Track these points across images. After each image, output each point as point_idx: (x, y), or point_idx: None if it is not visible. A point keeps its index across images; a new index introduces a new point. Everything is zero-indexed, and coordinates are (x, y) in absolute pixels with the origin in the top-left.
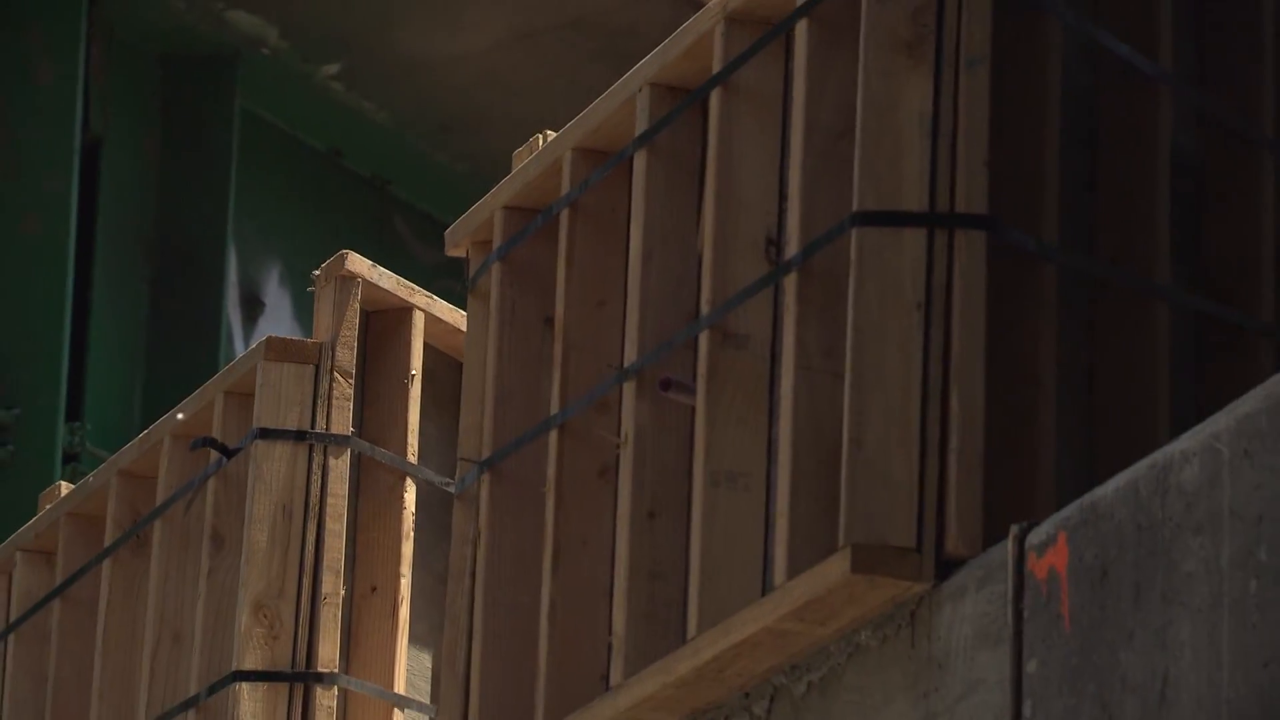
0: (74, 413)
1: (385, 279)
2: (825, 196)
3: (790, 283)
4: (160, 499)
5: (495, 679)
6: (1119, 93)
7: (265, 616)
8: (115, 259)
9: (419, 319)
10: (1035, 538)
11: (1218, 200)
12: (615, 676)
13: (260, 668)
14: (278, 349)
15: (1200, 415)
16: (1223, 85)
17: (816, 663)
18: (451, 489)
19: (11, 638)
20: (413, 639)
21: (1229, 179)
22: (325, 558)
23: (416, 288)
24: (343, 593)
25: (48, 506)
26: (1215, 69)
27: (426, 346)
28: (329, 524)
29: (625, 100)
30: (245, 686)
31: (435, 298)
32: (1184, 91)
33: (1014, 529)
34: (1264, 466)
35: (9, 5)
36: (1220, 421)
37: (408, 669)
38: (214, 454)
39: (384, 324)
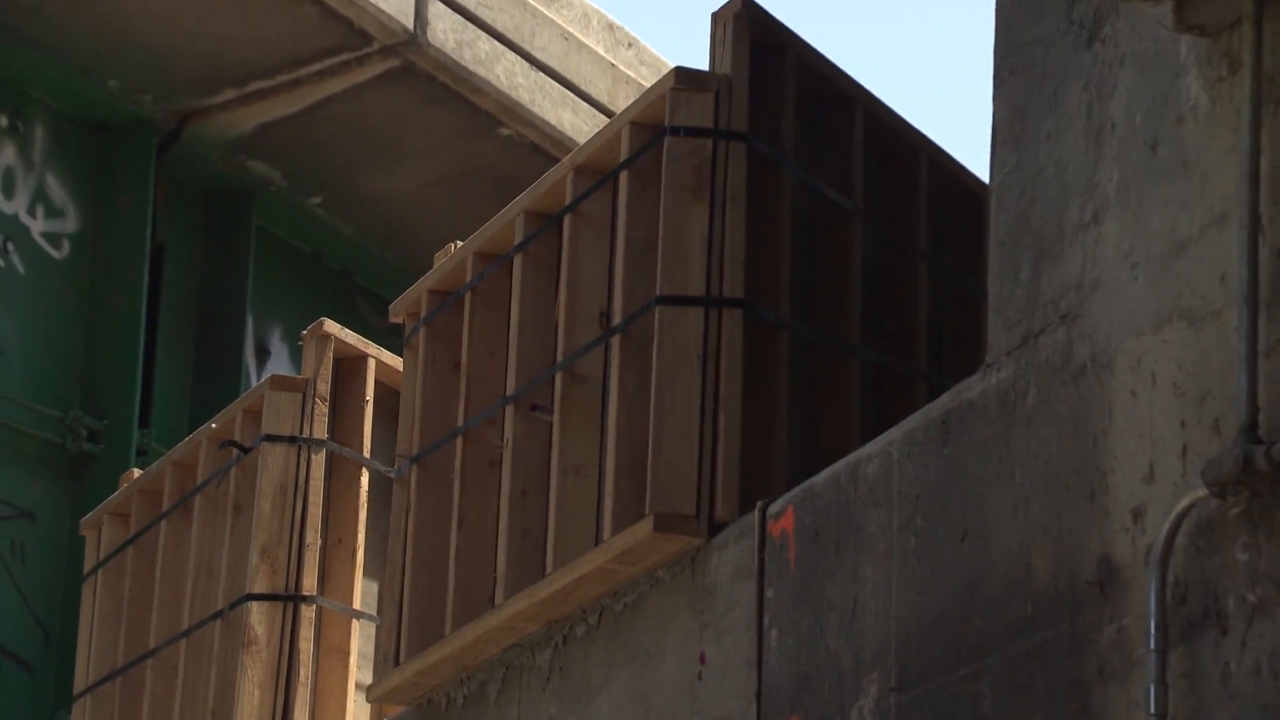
0: (144, 422)
1: (350, 337)
2: (638, 286)
3: (615, 342)
4: (200, 480)
5: (419, 600)
6: (828, 219)
7: (268, 558)
8: (172, 321)
9: (372, 364)
10: (773, 509)
11: (890, 290)
12: (498, 598)
13: (264, 591)
14: (278, 382)
15: (879, 430)
16: (893, 215)
17: (629, 590)
18: (392, 475)
19: (100, 572)
20: (365, 573)
21: (897, 276)
22: (308, 520)
23: (370, 343)
24: (319, 543)
25: (125, 485)
26: (888, 204)
27: (376, 381)
28: (311, 498)
29: (507, 222)
30: (254, 604)
31: (383, 350)
32: (869, 219)
33: (759, 503)
34: (920, 464)
35: (104, 157)
36: (892, 434)
37: (362, 593)
38: (235, 451)
39: (349, 367)
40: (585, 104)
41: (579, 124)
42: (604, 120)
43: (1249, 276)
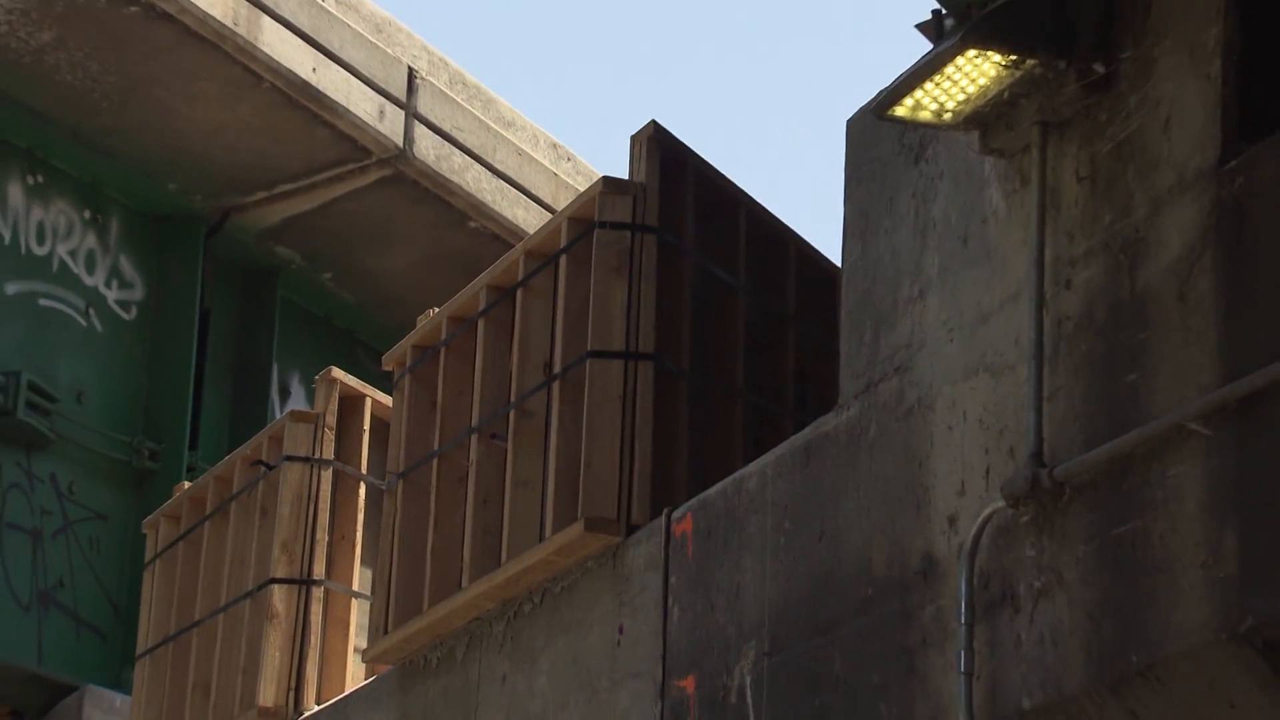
0: (192, 445)
1: (352, 381)
2: (574, 343)
3: (556, 386)
4: (235, 490)
5: (403, 585)
6: (718, 293)
7: (287, 551)
8: (215, 369)
9: (369, 402)
10: (676, 515)
11: (765, 348)
12: (464, 582)
13: (284, 576)
14: (296, 415)
15: (757, 454)
16: (768, 290)
17: (565, 577)
18: (383, 487)
19: (157, 562)
20: (362, 562)
21: (771, 337)
22: (318, 521)
23: (368, 385)
24: (327, 539)
25: (177, 494)
26: (764, 282)
27: (372, 415)
28: (320, 504)
29: (473, 294)
30: (276, 587)
31: (377, 391)
32: (749, 293)
33: (665, 510)
34: (788, 480)
35: (164, 243)
36: (766, 458)
37: (359, 578)
38: (262, 468)
39: (350, 404)
40: (534, 203)
41: (529, 219)
42: (548, 216)
43: (1036, 339)
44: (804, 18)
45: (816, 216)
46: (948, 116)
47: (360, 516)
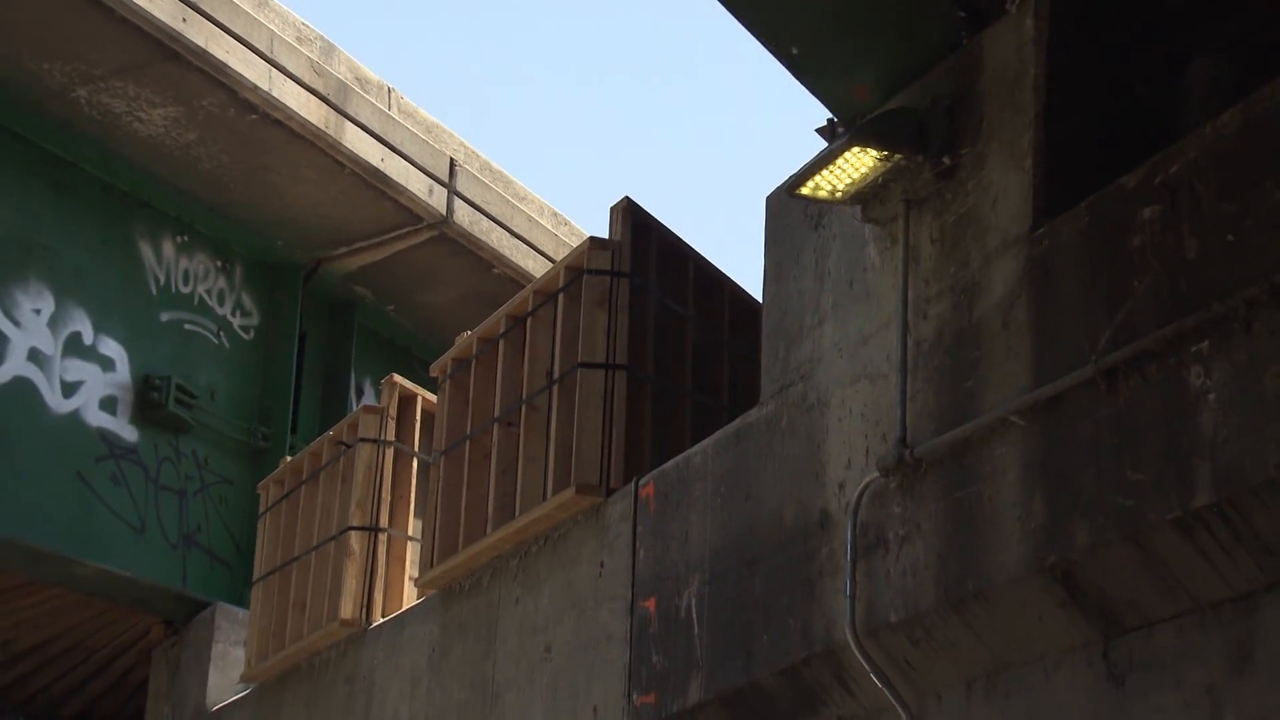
0: (293, 430)
1: (408, 384)
2: (568, 357)
3: (555, 389)
4: (323, 463)
5: (444, 532)
6: (675, 321)
7: (360, 506)
8: (309, 375)
9: (420, 400)
10: (642, 482)
11: (707, 361)
12: (489, 530)
13: (358, 525)
14: (367, 409)
15: (700, 438)
16: (710, 319)
17: (561, 527)
18: (430, 461)
19: (268, 514)
20: (415, 515)
21: (711, 353)
22: (383, 485)
23: (420, 387)
24: (389, 498)
25: (282, 465)
26: (707, 314)
27: (422, 410)
28: (384, 473)
29: (496, 321)
30: (353, 533)
31: (427, 391)
32: (696, 321)
33: (635, 479)
34: (723, 457)
35: (273, 283)
36: (708, 441)
37: (413, 526)
38: (343, 447)
39: (407, 401)
40: (540, 256)
41: (536, 267)
42: (549, 265)
43: (902, 356)
44: (739, 121)
45: (745, 266)
46: (839, 195)
47: (413, 482)
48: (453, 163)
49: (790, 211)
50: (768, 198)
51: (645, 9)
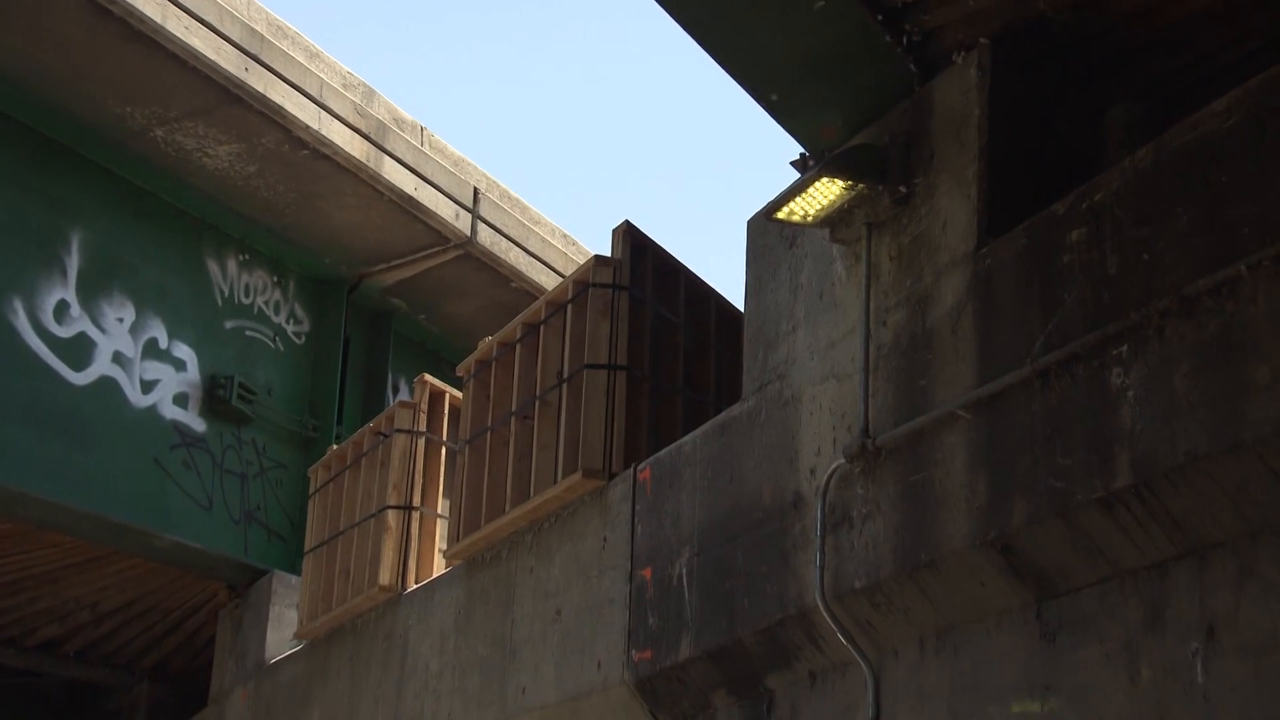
0: (339, 422)
1: (437, 382)
2: (576, 358)
3: (565, 386)
4: (364, 450)
5: (468, 510)
6: (667, 328)
7: (396, 488)
8: (353, 375)
9: (448, 396)
10: (640, 467)
11: (697, 362)
12: (507, 509)
13: (395, 504)
14: (402, 404)
15: (691, 429)
16: (698, 326)
17: (569, 508)
18: (456, 449)
19: (317, 494)
20: (444, 495)
21: (700, 356)
22: (416, 469)
23: (448, 385)
24: (421, 481)
25: (329, 452)
26: (696, 322)
27: (450, 405)
28: (417, 460)
29: (513, 328)
30: (390, 511)
31: (454, 389)
32: (686, 328)
33: (634, 465)
34: (710, 446)
35: (322, 296)
36: (696, 432)
37: (442, 505)
38: (381, 436)
39: (437, 398)
40: (552, 272)
41: (549, 281)
42: (559, 280)
43: (864, 359)
44: (724, 155)
45: (729, 280)
46: (810, 219)
47: (442, 467)
48: (476, 191)
49: (768, 233)
50: (749, 221)
51: (645, 59)
